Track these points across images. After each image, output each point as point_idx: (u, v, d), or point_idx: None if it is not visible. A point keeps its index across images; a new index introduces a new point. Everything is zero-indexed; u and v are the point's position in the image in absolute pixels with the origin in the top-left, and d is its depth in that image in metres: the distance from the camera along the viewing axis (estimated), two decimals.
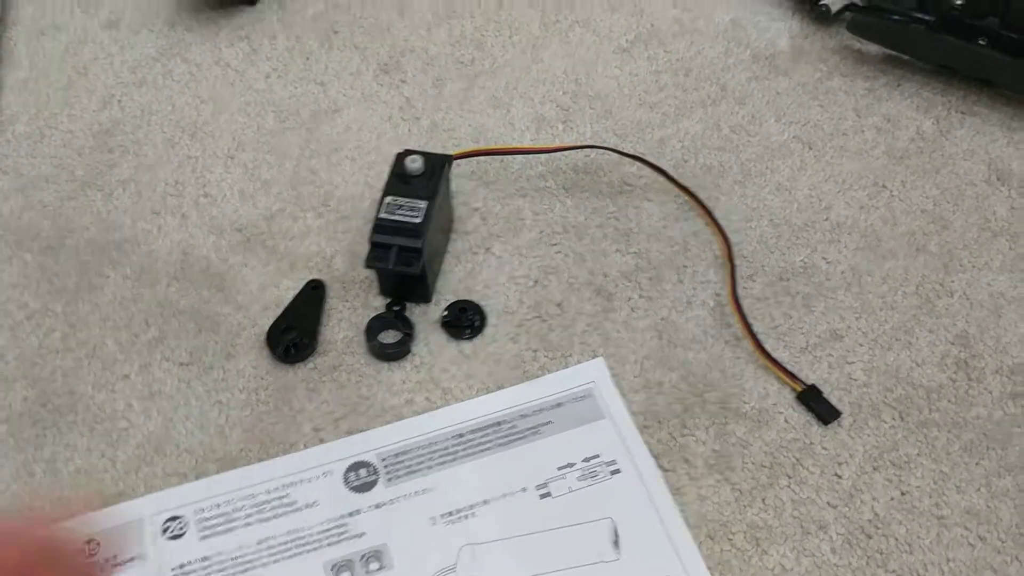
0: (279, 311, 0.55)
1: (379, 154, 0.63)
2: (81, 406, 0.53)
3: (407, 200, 0.52)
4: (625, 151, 0.60)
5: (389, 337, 0.54)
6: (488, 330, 0.55)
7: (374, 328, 0.55)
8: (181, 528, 0.48)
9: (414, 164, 0.53)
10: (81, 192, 0.62)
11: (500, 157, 0.62)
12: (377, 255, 0.53)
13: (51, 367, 0.54)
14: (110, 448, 0.51)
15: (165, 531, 0.48)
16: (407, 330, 0.54)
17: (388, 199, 0.53)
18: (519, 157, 0.62)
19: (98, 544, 0.47)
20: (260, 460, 0.50)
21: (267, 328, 0.55)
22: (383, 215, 0.53)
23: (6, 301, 0.57)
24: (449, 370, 0.54)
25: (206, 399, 0.53)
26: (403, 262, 0.52)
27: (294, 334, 0.54)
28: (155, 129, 0.66)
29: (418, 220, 0.52)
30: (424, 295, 0.56)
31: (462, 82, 0.68)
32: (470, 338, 0.55)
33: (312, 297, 0.56)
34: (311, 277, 0.57)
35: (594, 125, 0.65)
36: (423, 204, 0.52)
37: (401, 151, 0.55)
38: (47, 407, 0.53)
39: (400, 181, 0.53)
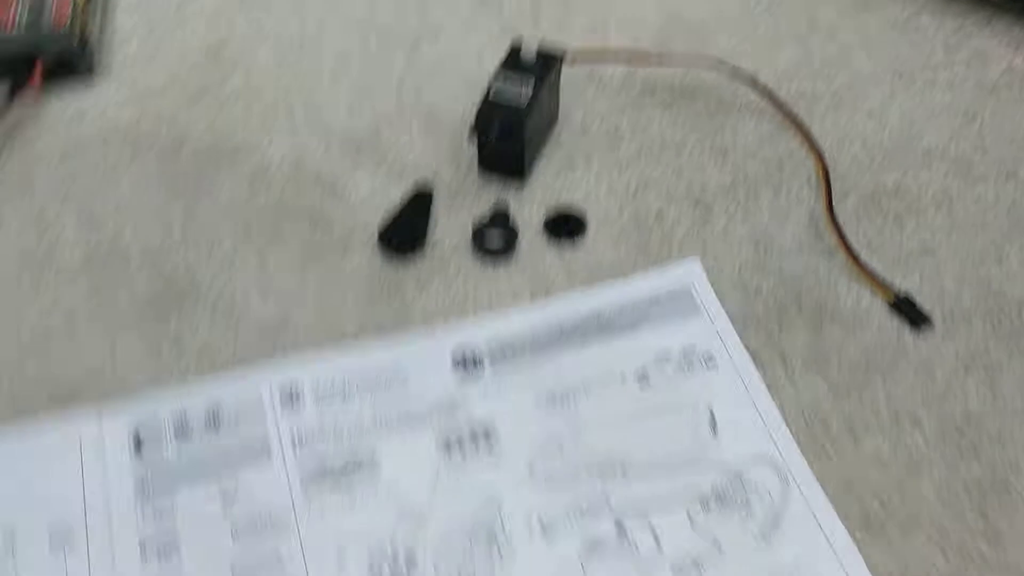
0: (390, 214, 0.58)
1: (480, 75, 0.65)
2: (202, 293, 0.56)
3: (516, 81, 0.55)
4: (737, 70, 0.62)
5: (494, 240, 0.57)
6: (588, 237, 0.57)
7: (480, 232, 0.57)
8: (298, 397, 0.51)
9: (528, 50, 0.55)
10: (194, 103, 0.65)
11: (598, 77, 0.64)
12: (481, 127, 0.56)
13: (173, 260, 0.57)
14: (231, 329, 0.54)
15: (283, 400, 0.51)
16: (511, 234, 0.57)
17: (498, 78, 0.57)
18: (618, 76, 0.65)
19: (219, 408, 0.51)
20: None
21: (379, 228, 0.57)
22: (491, 92, 0.56)
23: (129, 199, 0.60)
24: (551, 272, 0.56)
25: (321, 289, 0.55)
26: (504, 136, 0.56)
27: (405, 234, 0.57)
28: (263, 47, 0.68)
29: (523, 99, 0.56)
30: (519, 173, 0.59)
31: (558, 10, 0.70)
32: (571, 243, 0.57)
33: (421, 202, 0.58)
34: (419, 184, 0.60)
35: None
36: (530, 86, 0.55)
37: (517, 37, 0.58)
38: (171, 292, 0.56)
39: (512, 64, 0.57)
